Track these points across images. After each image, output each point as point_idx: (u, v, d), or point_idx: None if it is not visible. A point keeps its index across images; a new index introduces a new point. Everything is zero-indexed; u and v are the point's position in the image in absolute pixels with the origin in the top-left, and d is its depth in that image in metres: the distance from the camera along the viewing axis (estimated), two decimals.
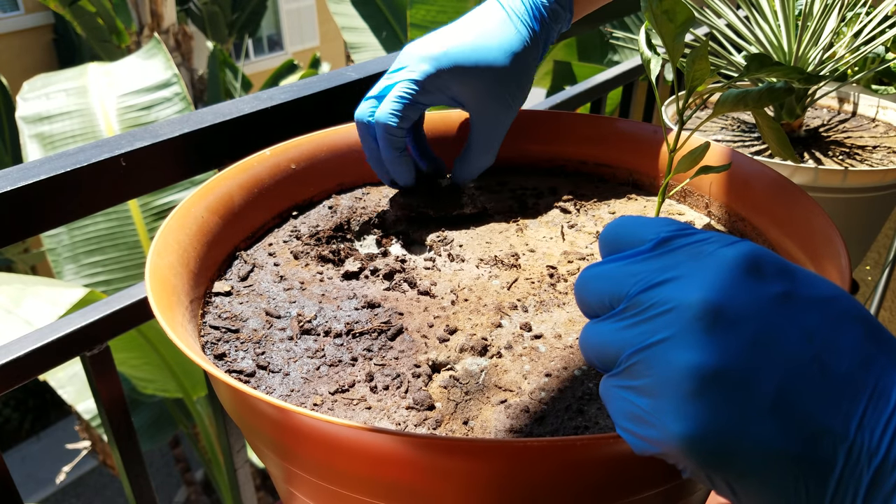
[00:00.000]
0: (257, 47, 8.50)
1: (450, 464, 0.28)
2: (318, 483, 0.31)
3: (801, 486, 0.22)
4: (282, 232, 0.51)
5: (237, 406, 0.33)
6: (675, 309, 0.23)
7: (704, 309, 0.23)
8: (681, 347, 0.23)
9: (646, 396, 0.24)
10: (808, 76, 0.40)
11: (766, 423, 0.22)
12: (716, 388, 0.22)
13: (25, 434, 5.17)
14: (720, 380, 0.22)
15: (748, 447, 0.22)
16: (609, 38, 0.82)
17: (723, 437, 0.22)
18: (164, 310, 0.35)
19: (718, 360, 0.22)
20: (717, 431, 0.22)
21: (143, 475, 0.65)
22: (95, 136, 2.43)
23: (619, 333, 0.25)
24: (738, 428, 0.22)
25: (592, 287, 0.27)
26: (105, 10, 5.20)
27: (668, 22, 0.40)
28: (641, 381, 0.24)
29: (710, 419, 0.22)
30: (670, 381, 0.23)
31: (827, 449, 0.21)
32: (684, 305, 0.23)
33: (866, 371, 0.22)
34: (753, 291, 0.23)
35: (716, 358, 0.22)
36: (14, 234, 0.48)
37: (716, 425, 0.22)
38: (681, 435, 0.22)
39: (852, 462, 0.21)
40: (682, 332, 0.23)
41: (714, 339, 0.22)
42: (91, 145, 0.52)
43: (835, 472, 0.21)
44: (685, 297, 0.23)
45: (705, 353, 0.22)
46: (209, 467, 3.22)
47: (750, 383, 0.22)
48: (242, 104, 0.59)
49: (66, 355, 0.54)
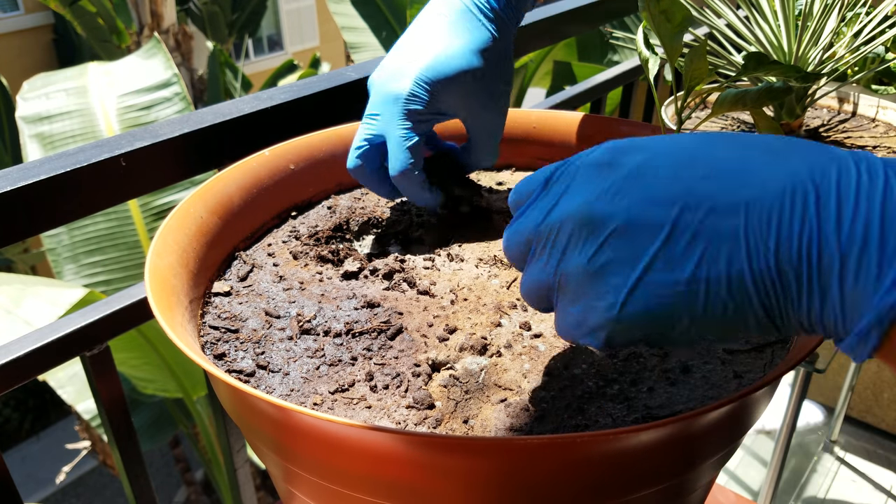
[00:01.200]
0: (257, 47, 8.50)
1: (450, 462, 0.28)
2: (318, 482, 0.31)
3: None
4: (281, 232, 0.51)
5: (237, 406, 0.34)
6: (562, 225, 0.28)
7: (583, 214, 0.27)
8: (577, 249, 0.28)
9: (578, 298, 0.29)
10: (806, 75, 0.40)
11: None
12: (615, 243, 0.27)
13: (25, 434, 5.17)
14: (615, 239, 0.27)
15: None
16: (609, 39, 0.83)
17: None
18: (164, 310, 0.35)
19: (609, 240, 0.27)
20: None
21: (143, 475, 0.65)
22: (95, 136, 2.43)
23: (542, 271, 0.30)
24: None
25: (510, 244, 0.31)
26: (105, 10, 5.20)
27: (666, 22, 0.41)
28: (570, 291, 0.29)
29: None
30: (581, 278, 0.28)
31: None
32: (567, 218, 0.28)
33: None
34: (609, 180, 0.28)
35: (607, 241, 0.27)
36: (14, 234, 0.48)
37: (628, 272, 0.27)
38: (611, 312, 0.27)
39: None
40: (575, 238, 0.28)
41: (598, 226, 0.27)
42: (91, 145, 0.52)
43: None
44: (567, 211, 0.28)
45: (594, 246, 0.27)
46: (209, 467, 3.22)
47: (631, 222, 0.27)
48: (242, 104, 0.59)
49: (66, 355, 0.54)
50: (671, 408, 0.33)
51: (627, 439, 0.27)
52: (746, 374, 0.35)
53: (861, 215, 0.23)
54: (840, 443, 1.77)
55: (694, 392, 0.34)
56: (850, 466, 1.71)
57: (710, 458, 0.32)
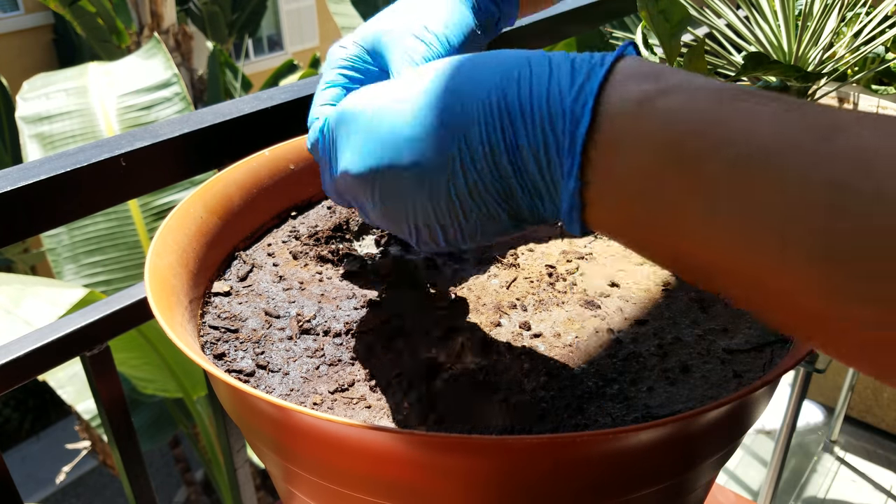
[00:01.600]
0: (257, 47, 8.50)
1: (450, 462, 0.28)
2: (318, 482, 0.31)
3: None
4: (281, 232, 0.51)
5: (237, 405, 0.34)
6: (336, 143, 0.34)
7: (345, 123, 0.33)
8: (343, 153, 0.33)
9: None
10: (805, 75, 0.40)
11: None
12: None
13: (25, 434, 5.17)
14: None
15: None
16: (609, 39, 0.83)
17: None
18: (164, 310, 0.35)
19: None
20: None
21: (142, 475, 0.65)
22: (95, 136, 2.43)
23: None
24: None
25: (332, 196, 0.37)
26: (105, 10, 5.20)
27: (664, 21, 0.41)
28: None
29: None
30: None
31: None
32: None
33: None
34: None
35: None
36: (14, 234, 0.48)
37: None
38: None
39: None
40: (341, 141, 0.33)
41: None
42: (91, 145, 0.52)
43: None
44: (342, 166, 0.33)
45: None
46: (209, 467, 3.22)
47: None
48: (242, 104, 0.59)
49: (66, 355, 0.54)
50: (671, 407, 0.33)
51: (627, 439, 0.27)
52: (746, 373, 0.35)
53: (546, 120, 0.27)
54: (840, 443, 1.77)
55: (693, 391, 0.34)
56: (850, 466, 1.71)
57: (709, 458, 0.32)
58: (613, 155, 0.25)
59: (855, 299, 0.20)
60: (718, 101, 0.24)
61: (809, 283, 0.21)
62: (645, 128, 0.25)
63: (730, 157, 0.23)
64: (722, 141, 0.23)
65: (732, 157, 0.23)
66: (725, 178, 0.23)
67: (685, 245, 0.25)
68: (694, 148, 0.23)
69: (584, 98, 0.26)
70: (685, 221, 0.24)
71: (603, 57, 0.27)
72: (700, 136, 0.23)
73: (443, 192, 0.29)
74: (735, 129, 0.23)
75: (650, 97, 0.25)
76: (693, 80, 0.25)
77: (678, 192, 0.24)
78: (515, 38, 0.83)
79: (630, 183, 0.25)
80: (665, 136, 0.24)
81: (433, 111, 0.29)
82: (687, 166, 0.24)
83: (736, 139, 0.23)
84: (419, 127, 0.29)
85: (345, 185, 0.33)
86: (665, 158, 0.24)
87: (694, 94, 0.24)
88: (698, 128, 0.24)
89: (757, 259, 0.22)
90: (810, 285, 0.21)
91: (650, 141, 0.24)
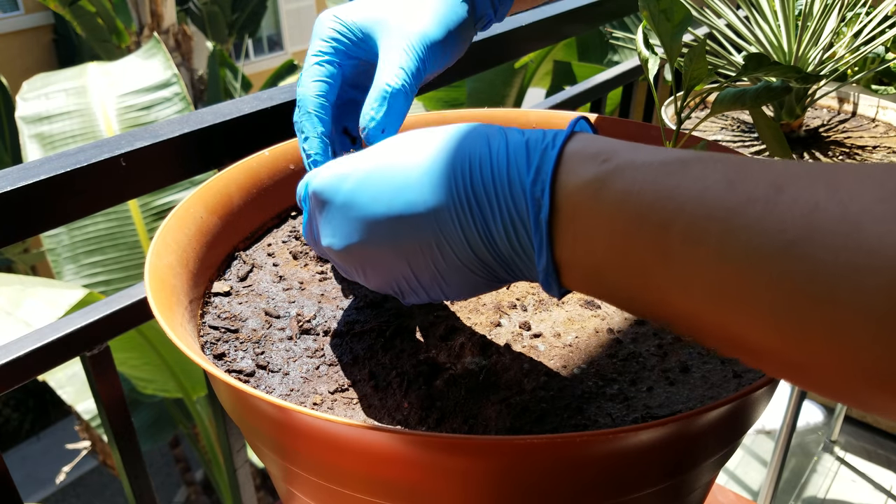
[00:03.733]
0: (257, 47, 8.49)
1: (450, 462, 0.28)
2: (317, 482, 0.31)
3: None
4: (281, 232, 0.51)
5: (237, 406, 0.33)
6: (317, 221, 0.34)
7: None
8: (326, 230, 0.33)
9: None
10: (805, 75, 0.40)
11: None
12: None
13: (25, 434, 5.17)
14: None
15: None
16: (609, 39, 0.83)
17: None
18: (164, 310, 0.35)
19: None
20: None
21: (142, 475, 0.65)
22: (95, 136, 2.43)
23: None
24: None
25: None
26: (105, 10, 5.20)
27: (666, 21, 0.41)
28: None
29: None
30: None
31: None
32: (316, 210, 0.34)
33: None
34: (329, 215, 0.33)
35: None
36: (14, 234, 0.48)
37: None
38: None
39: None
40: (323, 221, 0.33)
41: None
42: (91, 145, 0.52)
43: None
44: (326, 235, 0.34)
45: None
46: (209, 467, 3.22)
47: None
48: (242, 104, 0.59)
49: (66, 355, 0.54)
50: (670, 407, 0.33)
51: (627, 439, 0.27)
52: (746, 373, 0.35)
53: (512, 210, 0.28)
54: (840, 443, 1.77)
55: (693, 392, 0.34)
56: (850, 466, 1.71)
57: (709, 458, 0.32)
58: (577, 232, 0.27)
59: (818, 344, 0.21)
60: (666, 174, 0.25)
61: (772, 333, 0.22)
62: (602, 209, 0.26)
63: (683, 226, 0.24)
64: (675, 212, 0.24)
65: (685, 226, 0.24)
66: (681, 246, 0.24)
67: (660, 306, 0.26)
68: (650, 222, 0.25)
69: (541, 182, 0.27)
70: (654, 288, 0.25)
71: (554, 137, 0.29)
72: (654, 210, 0.25)
73: (423, 268, 0.31)
74: (685, 198, 0.24)
75: (602, 179, 0.26)
76: (640, 154, 0.26)
77: (642, 262, 0.25)
78: (516, 38, 0.83)
79: (595, 254, 0.27)
80: (622, 215, 0.26)
81: (406, 195, 0.30)
82: (646, 240, 0.25)
83: (686, 208, 0.24)
84: (394, 211, 0.30)
85: (330, 256, 0.34)
86: (624, 235, 0.26)
87: (644, 169, 0.26)
88: (652, 202, 0.25)
89: (723, 316, 0.24)
90: (773, 336, 0.22)
91: (608, 219, 0.26)
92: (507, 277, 0.31)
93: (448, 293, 0.32)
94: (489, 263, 0.30)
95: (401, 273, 0.32)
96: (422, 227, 0.30)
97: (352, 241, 0.31)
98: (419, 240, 0.30)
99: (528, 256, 0.29)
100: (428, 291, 0.32)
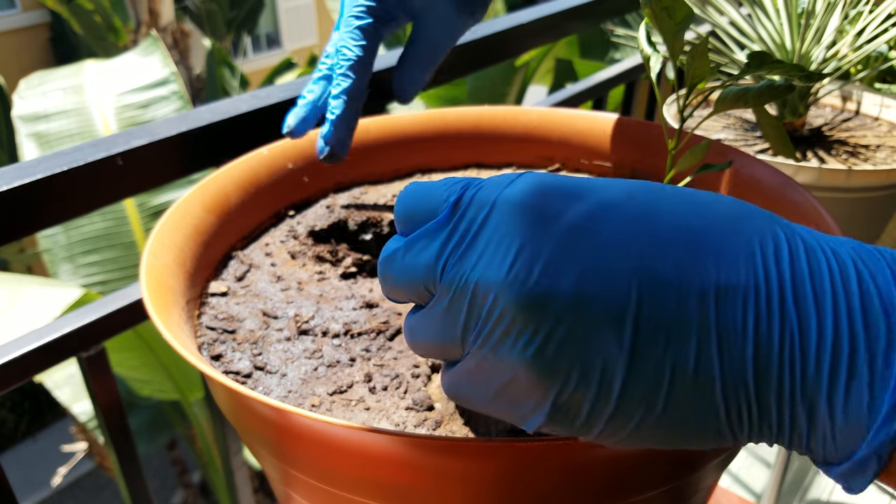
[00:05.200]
0: (255, 45, 8.49)
1: (449, 464, 0.28)
2: (315, 485, 0.31)
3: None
4: (278, 232, 0.50)
5: (234, 407, 0.33)
6: (486, 293, 0.22)
7: (518, 294, 0.21)
8: (510, 337, 0.21)
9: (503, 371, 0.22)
10: (808, 74, 0.40)
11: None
12: (560, 334, 0.21)
13: (21, 436, 5.16)
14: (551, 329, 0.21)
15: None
16: (611, 36, 0.82)
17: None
18: (160, 311, 0.35)
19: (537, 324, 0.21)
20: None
21: (139, 477, 0.65)
22: (92, 135, 2.42)
23: (448, 331, 0.23)
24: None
25: (399, 279, 0.25)
26: (102, 8, 5.19)
27: (668, 18, 0.40)
28: (492, 368, 0.23)
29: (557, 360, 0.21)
30: (514, 365, 0.22)
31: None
32: (492, 286, 0.22)
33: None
34: (544, 238, 0.21)
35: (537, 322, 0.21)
36: (10, 233, 0.47)
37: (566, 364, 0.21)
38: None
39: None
40: (506, 320, 0.21)
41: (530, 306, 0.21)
42: (88, 144, 0.51)
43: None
44: (492, 278, 0.22)
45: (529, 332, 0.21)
46: (206, 470, 3.21)
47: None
48: (240, 102, 0.59)
49: (62, 356, 0.54)
50: None
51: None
52: None
53: (843, 317, 0.19)
54: None
55: None
56: None
57: (712, 460, 0.32)
58: None
59: None
60: None
61: None
62: None
63: None
64: None
65: None
66: None
67: None
68: None
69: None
70: None
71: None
72: None
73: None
74: None
75: None
76: None
77: None
78: (516, 36, 0.83)
79: None
80: None
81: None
82: None
83: None
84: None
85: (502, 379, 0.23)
86: None
87: None
88: None
89: None
90: None
91: None
92: (738, 432, 0.21)
93: (647, 430, 0.22)
94: (734, 401, 0.21)
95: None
96: (700, 296, 0.21)
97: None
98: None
99: (848, 414, 0.19)
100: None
